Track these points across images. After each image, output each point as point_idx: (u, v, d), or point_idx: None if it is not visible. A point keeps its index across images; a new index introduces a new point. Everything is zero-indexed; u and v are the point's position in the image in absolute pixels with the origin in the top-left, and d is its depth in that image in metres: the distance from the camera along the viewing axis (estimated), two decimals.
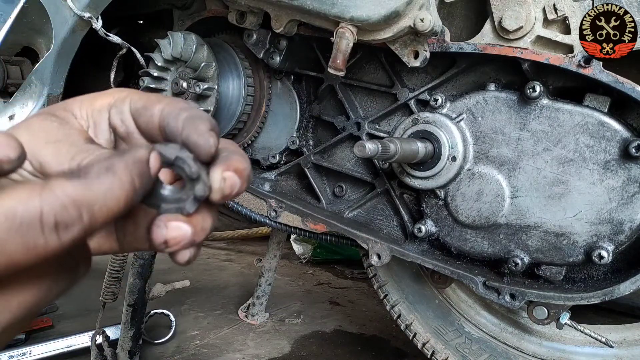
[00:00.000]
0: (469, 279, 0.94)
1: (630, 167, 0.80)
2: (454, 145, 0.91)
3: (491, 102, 0.90)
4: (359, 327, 2.06)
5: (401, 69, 1.05)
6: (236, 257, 3.17)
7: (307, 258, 2.94)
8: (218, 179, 0.35)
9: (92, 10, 1.02)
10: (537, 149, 0.86)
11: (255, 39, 1.10)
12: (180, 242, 0.35)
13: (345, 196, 1.18)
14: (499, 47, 0.86)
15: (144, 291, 1.56)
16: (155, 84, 1.11)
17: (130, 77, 1.38)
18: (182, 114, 0.36)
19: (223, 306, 2.25)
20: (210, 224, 0.37)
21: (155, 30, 1.33)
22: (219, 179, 0.35)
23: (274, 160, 1.24)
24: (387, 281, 1.40)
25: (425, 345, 1.30)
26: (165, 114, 0.37)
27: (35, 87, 1.10)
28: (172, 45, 1.08)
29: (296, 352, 1.83)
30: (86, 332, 1.67)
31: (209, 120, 0.36)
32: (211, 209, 0.38)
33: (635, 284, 0.82)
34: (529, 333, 1.25)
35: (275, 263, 2.05)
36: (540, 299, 0.89)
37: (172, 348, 1.82)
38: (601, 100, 0.82)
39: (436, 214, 0.98)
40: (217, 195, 0.36)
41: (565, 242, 0.86)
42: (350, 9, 0.84)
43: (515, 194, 0.89)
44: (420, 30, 0.82)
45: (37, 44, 1.17)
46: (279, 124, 1.23)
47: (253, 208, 1.20)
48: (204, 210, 0.37)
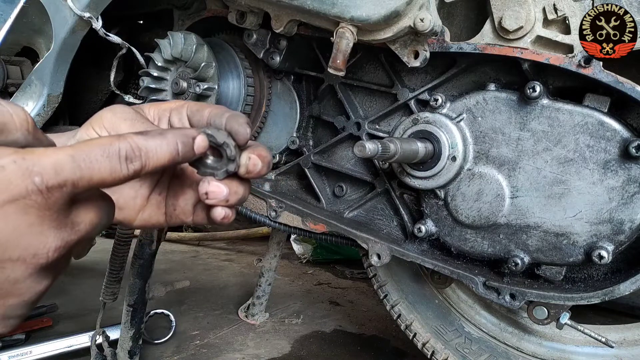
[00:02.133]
0: (469, 279, 0.94)
1: (630, 167, 0.80)
2: (454, 145, 0.91)
3: (491, 102, 0.90)
4: (359, 327, 2.06)
5: (401, 69, 1.05)
6: (236, 257, 3.17)
7: (307, 258, 2.94)
8: (245, 158, 0.51)
9: (92, 10, 1.02)
10: (537, 149, 0.86)
11: (255, 39, 1.10)
12: (217, 196, 0.51)
13: (345, 196, 1.18)
14: (499, 47, 0.86)
15: (144, 291, 1.56)
16: (155, 84, 1.10)
17: (130, 77, 1.38)
18: (225, 113, 0.52)
19: (223, 306, 2.25)
20: (242, 191, 0.52)
21: (155, 30, 1.33)
22: (245, 158, 0.51)
23: (274, 160, 1.24)
24: (387, 281, 1.40)
25: (425, 345, 1.30)
26: (213, 114, 0.53)
27: (35, 87, 1.10)
28: (172, 45, 1.08)
29: (296, 352, 1.83)
30: (86, 332, 1.67)
31: (246, 118, 0.52)
32: (243, 182, 0.53)
33: (635, 284, 0.82)
34: (529, 333, 1.25)
35: (275, 263, 2.05)
36: (540, 299, 0.89)
37: (172, 348, 1.82)
38: (601, 100, 0.82)
39: (436, 214, 0.98)
40: (242, 169, 0.51)
41: (565, 242, 0.86)
42: (350, 9, 0.84)
43: (515, 194, 0.89)
44: (420, 30, 0.82)
45: (37, 44, 1.16)
46: (279, 124, 1.23)
47: (253, 208, 1.20)
48: (237, 181, 0.52)
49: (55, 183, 0.36)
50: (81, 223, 0.41)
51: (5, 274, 0.36)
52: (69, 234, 0.39)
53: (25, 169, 0.35)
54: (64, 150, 0.38)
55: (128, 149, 0.41)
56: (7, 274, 0.37)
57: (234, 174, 0.51)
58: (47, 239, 0.37)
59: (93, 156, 0.39)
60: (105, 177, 0.40)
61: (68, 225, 0.39)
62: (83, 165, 0.38)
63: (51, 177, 0.36)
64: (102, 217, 0.43)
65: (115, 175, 0.40)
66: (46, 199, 0.36)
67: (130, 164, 0.41)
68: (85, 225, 0.41)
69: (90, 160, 0.38)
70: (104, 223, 0.44)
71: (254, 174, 0.52)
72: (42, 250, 0.37)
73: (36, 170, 0.36)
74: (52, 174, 0.36)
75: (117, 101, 1.41)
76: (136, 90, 1.28)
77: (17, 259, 0.36)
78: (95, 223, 0.42)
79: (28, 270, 0.37)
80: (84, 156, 0.38)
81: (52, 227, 0.38)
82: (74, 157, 0.38)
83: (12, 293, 0.38)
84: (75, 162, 0.38)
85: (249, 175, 0.51)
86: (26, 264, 0.37)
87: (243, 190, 0.53)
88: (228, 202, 0.51)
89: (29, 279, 0.38)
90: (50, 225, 0.38)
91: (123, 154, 0.40)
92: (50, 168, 0.36)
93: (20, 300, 0.39)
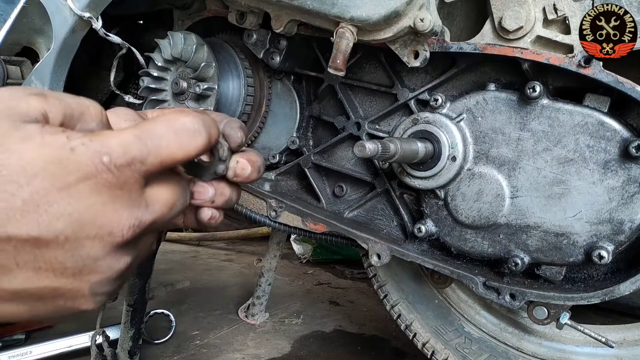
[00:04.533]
0: (469, 279, 0.94)
1: (630, 167, 0.80)
2: (454, 145, 0.91)
3: (491, 102, 0.90)
4: (359, 327, 2.06)
5: (401, 69, 1.05)
6: (236, 257, 3.17)
7: (307, 258, 2.94)
8: (233, 161, 0.51)
9: (92, 11, 1.02)
10: (537, 149, 0.86)
11: (255, 39, 1.10)
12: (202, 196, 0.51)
13: (345, 196, 1.18)
14: (499, 47, 0.86)
15: (144, 291, 1.56)
16: (155, 84, 1.10)
17: (130, 77, 1.38)
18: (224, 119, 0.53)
19: (223, 306, 2.25)
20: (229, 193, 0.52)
21: (155, 30, 1.33)
22: (234, 162, 0.51)
23: (274, 160, 1.24)
24: (387, 281, 1.40)
25: (425, 345, 1.30)
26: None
27: (36, 87, 1.10)
28: (172, 45, 1.08)
29: (296, 352, 1.83)
30: (86, 332, 1.67)
31: (240, 123, 0.54)
32: (231, 185, 0.53)
33: (635, 284, 0.82)
34: (529, 333, 1.25)
35: (275, 263, 2.05)
36: (540, 299, 0.89)
37: (172, 348, 1.82)
38: (601, 100, 0.82)
39: (436, 214, 0.98)
40: (230, 172, 0.51)
41: (565, 242, 0.86)
42: (350, 9, 0.84)
43: (515, 194, 0.89)
44: (420, 30, 0.82)
45: (37, 44, 1.16)
46: (279, 124, 1.23)
47: (253, 208, 1.20)
48: (225, 182, 0.52)
49: (123, 161, 0.38)
50: (156, 203, 0.42)
51: (85, 252, 0.38)
52: (144, 213, 0.41)
53: (93, 149, 0.37)
54: (130, 130, 0.40)
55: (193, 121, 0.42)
56: (87, 252, 0.38)
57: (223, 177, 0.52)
58: (120, 217, 0.39)
59: (159, 132, 0.40)
60: (174, 152, 0.41)
61: (142, 204, 0.41)
62: (149, 143, 0.40)
63: (119, 156, 0.38)
64: (177, 198, 0.44)
65: (184, 149, 0.42)
66: (117, 178, 0.38)
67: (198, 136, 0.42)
68: (160, 205, 0.42)
69: (156, 136, 0.40)
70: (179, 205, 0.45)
71: (242, 178, 0.52)
72: (116, 228, 0.39)
73: (104, 150, 0.38)
74: (120, 153, 0.38)
75: (117, 101, 1.41)
76: (136, 90, 1.28)
77: (95, 236, 0.38)
78: (170, 204, 0.43)
79: (106, 248, 0.39)
80: (149, 134, 0.40)
81: (125, 206, 0.39)
82: (139, 135, 0.39)
83: (94, 270, 0.39)
84: (141, 140, 0.39)
85: (238, 179, 0.52)
86: (103, 242, 0.39)
87: (230, 192, 0.53)
88: (214, 203, 0.52)
89: (108, 256, 0.39)
90: (124, 204, 0.39)
91: (189, 126, 0.42)
92: (117, 147, 0.38)
93: (103, 277, 0.40)
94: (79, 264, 0.38)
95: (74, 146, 0.37)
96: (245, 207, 1.20)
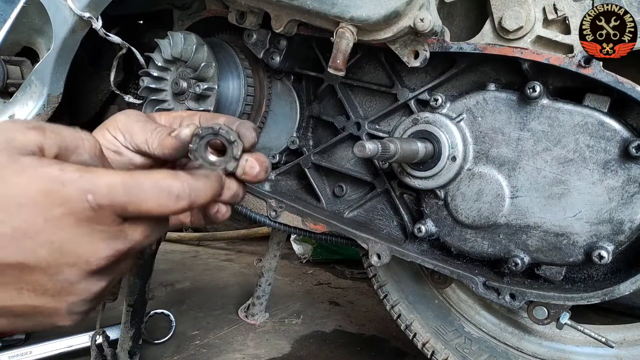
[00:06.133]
0: (469, 279, 0.94)
1: (630, 167, 0.80)
2: (454, 145, 0.91)
3: (491, 102, 0.90)
4: (359, 327, 2.06)
5: (401, 69, 1.05)
6: (236, 257, 3.17)
7: (307, 258, 2.94)
8: (243, 160, 0.55)
9: (92, 10, 1.02)
10: (537, 149, 0.86)
11: (255, 39, 1.10)
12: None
13: (345, 196, 1.18)
14: (499, 47, 0.86)
15: (144, 291, 1.56)
16: (155, 84, 1.10)
17: (130, 77, 1.38)
18: (236, 121, 0.57)
19: (223, 306, 2.25)
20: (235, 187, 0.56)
21: (155, 30, 1.33)
22: (243, 160, 0.55)
23: (274, 160, 1.24)
24: (387, 281, 1.40)
25: (425, 345, 1.30)
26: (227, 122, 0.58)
27: (35, 87, 1.10)
28: (172, 45, 1.08)
29: (296, 352, 1.83)
30: (86, 332, 1.67)
31: (253, 124, 0.57)
32: (239, 182, 0.57)
33: (635, 284, 0.82)
34: (529, 333, 1.25)
35: (275, 263, 2.05)
36: (540, 299, 0.89)
37: (171, 348, 1.82)
38: (601, 100, 0.82)
39: (436, 214, 0.98)
40: (239, 170, 0.55)
41: (565, 242, 0.86)
42: (350, 9, 0.84)
43: (515, 194, 0.89)
44: (420, 30, 0.82)
45: (37, 44, 1.16)
46: (279, 124, 1.23)
47: (253, 208, 1.20)
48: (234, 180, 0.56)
49: (105, 202, 0.41)
50: (133, 234, 0.45)
51: (64, 276, 0.42)
52: (119, 244, 0.44)
53: (81, 186, 0.41)
54: (120, 174, 0.43)
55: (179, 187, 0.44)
56: (66, 276, 0.42)
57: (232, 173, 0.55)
58: (97, 248, 0.42)
59: (145, 187, 0.43)
60: (152, 208, 0.43)
61: (120, 236, 0.44)
62: (132, 193, 0.42)
63: (103, 196, 0.41)
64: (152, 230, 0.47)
65: (162, 210, 0.44)
66: (97, 214, 0.41)
67: (180, 202, 0.44)
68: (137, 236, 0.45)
69: (141, 190, 0.43)
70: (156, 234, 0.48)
71: (250, 177, 0.55)
72: (92, 258, 0.42)
73: (90, 188, 0.41)
74: (104, 194, 0.41)
75: (117, 101, 1.41)
76: (136, 90, 1.28)
77: (74, 264, 0.42)
78: (147, 234, 0.47)
79: (83, 274, 0.43)
80: (136, 185, 0.42)
81: (102, 239, 0.43)
82: (126, 183, 0.42)
83: (72, 292, 0.43)
84: (126, 188, 0.42)
85: (246, 177, 0.55)
86: (80, 269, 0.42)
87: (237, 187, 0.56)
88: (221, 197, 0.54)
89: (84, 280, 0.43)
90: (102, 236, 0.42)
91: (173, 191, 0.44)
92: (103, 188, 0.41)
93: (79, 298, 0.44)
94: (57, 287, 0.42)
95: (64, 180, 0.40)
96: (245, 206, 1.20)
